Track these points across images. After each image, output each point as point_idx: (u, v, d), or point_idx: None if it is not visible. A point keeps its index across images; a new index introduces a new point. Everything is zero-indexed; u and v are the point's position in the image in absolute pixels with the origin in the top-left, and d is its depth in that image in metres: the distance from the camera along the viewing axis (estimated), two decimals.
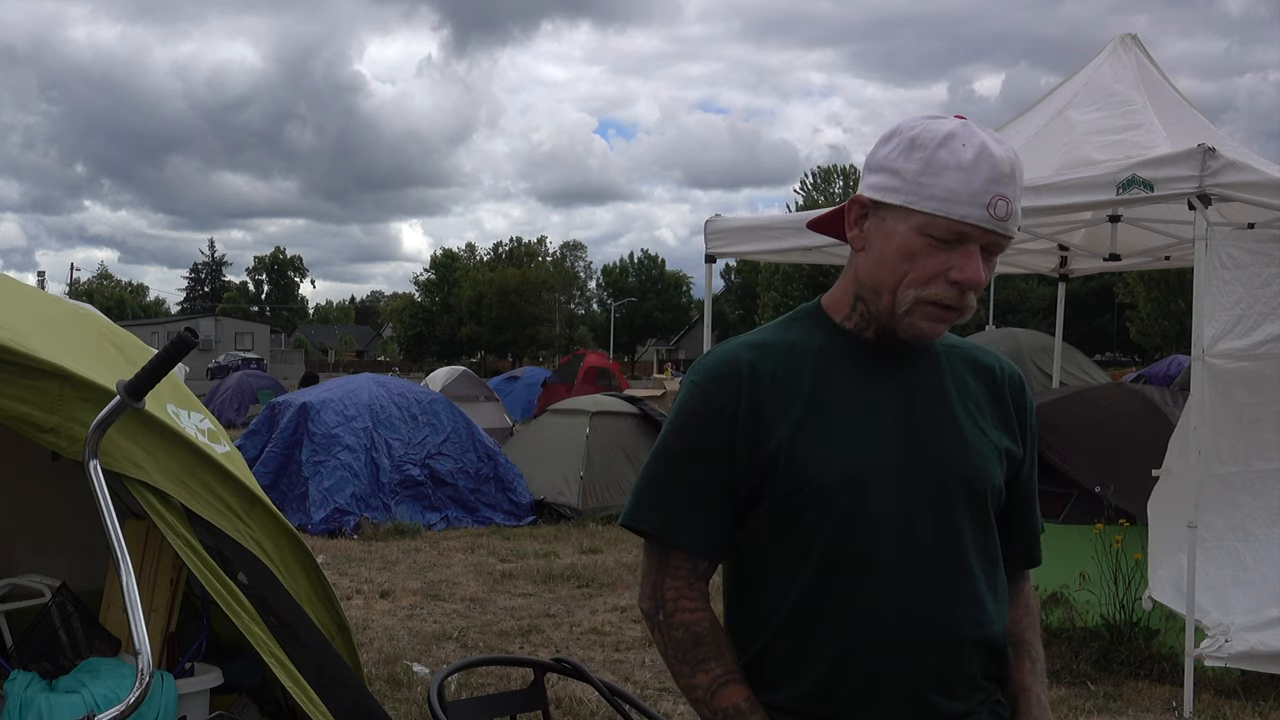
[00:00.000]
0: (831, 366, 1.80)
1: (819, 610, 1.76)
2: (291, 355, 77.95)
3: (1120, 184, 5.96)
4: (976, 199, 1.68)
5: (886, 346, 1.82)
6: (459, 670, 2.91)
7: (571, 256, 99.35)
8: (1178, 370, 19.85)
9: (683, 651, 1.80)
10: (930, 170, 1.70)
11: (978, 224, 1.69)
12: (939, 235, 1.70)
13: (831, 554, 1.75)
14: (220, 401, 28.17)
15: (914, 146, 1.72)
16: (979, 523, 1.81)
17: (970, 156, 1.68)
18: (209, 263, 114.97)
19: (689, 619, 1.79)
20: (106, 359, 3.35)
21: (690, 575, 1.81)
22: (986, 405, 1.87)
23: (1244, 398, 5.90)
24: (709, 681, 1.78)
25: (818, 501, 1.75)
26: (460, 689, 5.66)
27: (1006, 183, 1.69)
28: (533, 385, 29.09)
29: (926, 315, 1.74)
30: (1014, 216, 1.71)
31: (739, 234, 8.52)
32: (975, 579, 1.79)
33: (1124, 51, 7.88)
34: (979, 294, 1.75)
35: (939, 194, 1.69)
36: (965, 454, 1.80)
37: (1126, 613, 6.36)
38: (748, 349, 1.82)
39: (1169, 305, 48.33)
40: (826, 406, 1.77)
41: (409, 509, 11.71)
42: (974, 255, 1.71)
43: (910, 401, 1.80)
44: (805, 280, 53.18)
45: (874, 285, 1.77)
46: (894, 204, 1.73)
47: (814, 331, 1.84)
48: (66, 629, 3.95)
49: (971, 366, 1.89)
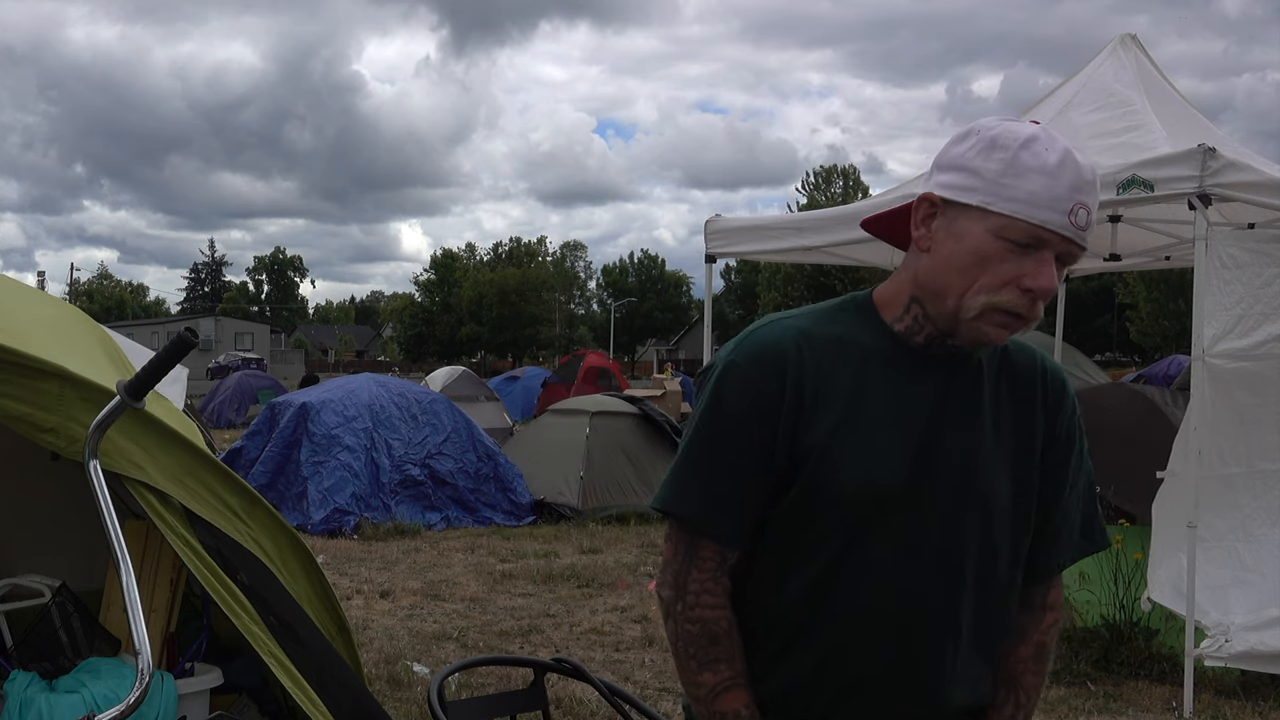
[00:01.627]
0: (872, 370, 1.75)
1: (812, 616, 1.75)
2: (291, 355, 77.92)
3: (1120, 184, 5.96)
4: (1059, 204, 1.62)
5: (932, 354, 1.77)
6: (459, 670, 2.91)
7: (571, 256, 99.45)
8: (1178, 370, 19.85)
9: (694, 647, 1.76)
10: (1012, 171, 1.64)
11: (1058, 230, 1.63)
12: (1016, 239, 1.64)
13: (834, 564, 1.73)
14: (220, 401, 28.20)
15: (994, 146, 1.67)
16: (993, 551, 1.77)
17: (1055, 161, 1.63)
18: (209, 263, 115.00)
19: (708, 615, 1.76)
20: (102, 359, 3.35)
21: (717, 568, 1.76)
22: (1022, 418, 1.82)
23: (1244, 398, 5.90)
24: (715, 683, 1.76)
25: (834, 509, 1.72)
26: (460, 689, 5.66)
27: (1089, 191, 1.65)
28: (533, 385, 29.09)
29: (994, 322, 1.67)
30: (1092, 227, 1.66)
31: (739, 234, 8.53)
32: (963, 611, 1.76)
33: (1124, 52, 7.89)
34: (1047, 303, 1.70)
35: (1021, 196, 1.63)
36: (992, 479, 1.77)
37: (1126, 613, 6.36)
38: (795, 335, 1.76)
39: (1169, 305, 48.36)
40: (862, 413, 1.73)
41: (409, 509, 11.72)
42: (1049, 263, 1.65)
43: (944, 416, 1.75)
44: (806, 280, 53.17)
45: (938, 288, 1.70)
46: (970, 204, 1.66)
47: (861, 328, 1.78)
48: (66, 629, 3.95)
49: (1011, 376, 1.83)
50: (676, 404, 25.11)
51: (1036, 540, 1.86)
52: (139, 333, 49.52)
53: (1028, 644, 1.89)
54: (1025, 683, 1.87)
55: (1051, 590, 1.92)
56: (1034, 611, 1.90)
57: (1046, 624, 1.91)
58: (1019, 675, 1.87)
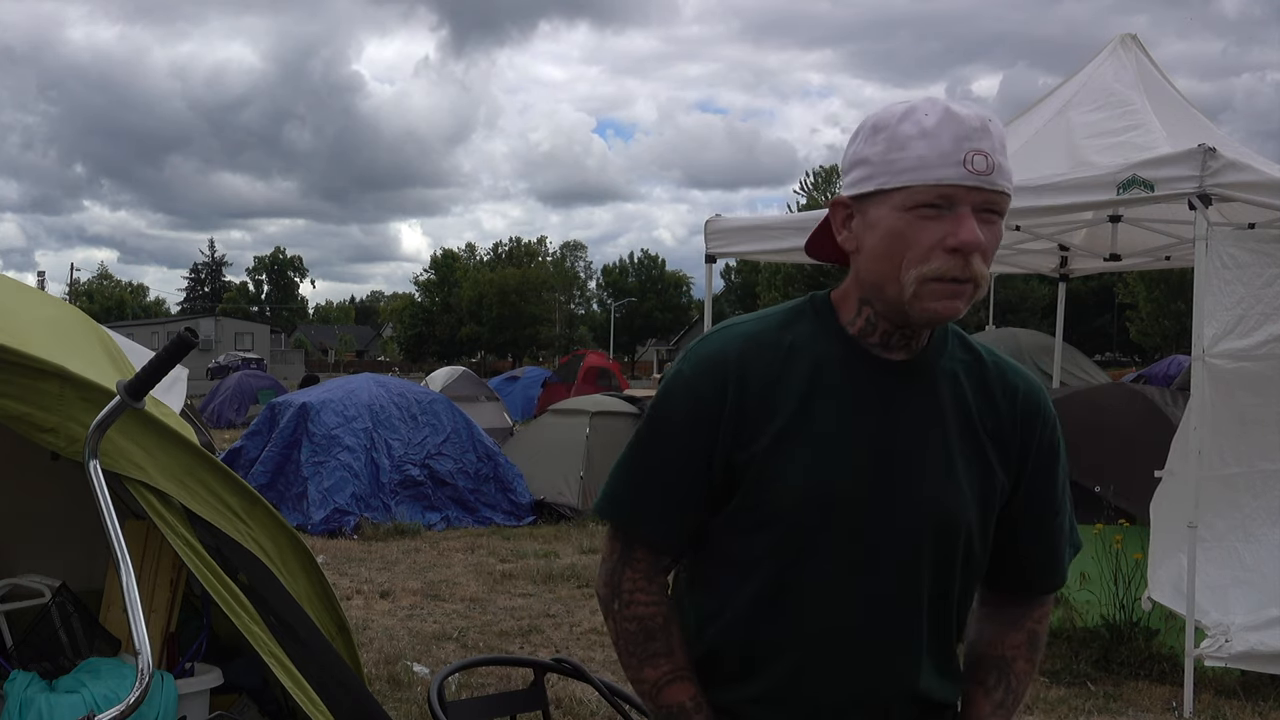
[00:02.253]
0: (823, 376, 1.72)
1: (762, 631, 1.73)
2: (291, 355, 77.90)
3: (1120, 184, 5.96)
4: (949, 158, 1.60)
5: (888, 360, 1.74)
6: (459, 670, 2.91)
7: (571, 256, 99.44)
8: (1178, 370, 19.84)
9: (633, 644, 1.78)
10: (896, 146, 1.64)
11: (957, 182, 1.60)
12: (924, 202, 1.61)
13: (780, 577, 1.71)
14: (220, 401, 28.20)
15: (876, 130, 1.67)
16: (943, 563, 1.73)
17: (933, 122, 1.62)
18: (209, 263, 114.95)
19: (643, 612, 1.77)
20: (102, 360, 3.35)
21: (650, 569, 1.79)
22: (988, 435, 1.77)
23: (1245, 398, 5.90)
24: (656, 677, 1.76)
25: (777, 522, 1.70)
26: (460, 689, 5.66)
27: (979, 137, 1.62)
28: (533, 385, 29.08)
29: (936, 294, 1.63)
30: (999, 170, 1.62)
31: (739, 234, 8.53)
32: (919, 626, 1.73)
33: (1124, 52, 7.90)
34: (989, 260, 1.65)
35: (910, 164, 1.62)
36: (944, 490, 1.72)
37: (1126, 613, 6.36)
38: (741, 342, 1.75)
39: (1169, 305, 48.34)
40: (808, 424, 1.70)
41: (409, 509, 11.72)
42: (967, 217, 1.61)
43: (896, 427, 1.72)
44: (806, 280, 53.15)
45: (876, 280, 1.68)
46: (871, 191, 1.66)
47: (816, 331, 1.76)
48: (66, 629, 3.95)
49: (981, 389, 1.78)
50: None
51: (1033, 557, 1.85)
52: (139, 333, 49.53)
53: (1020, 630, 1.87)
54: (1017, 668, 1.85)
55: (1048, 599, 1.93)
56: (1032, 603, 1.89)
57: (1039, 615, 1.90)
58: (1011, 661, 1.85)
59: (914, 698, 1.75)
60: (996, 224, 1.66)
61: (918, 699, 1.75)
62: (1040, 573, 1.86)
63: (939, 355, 1.77)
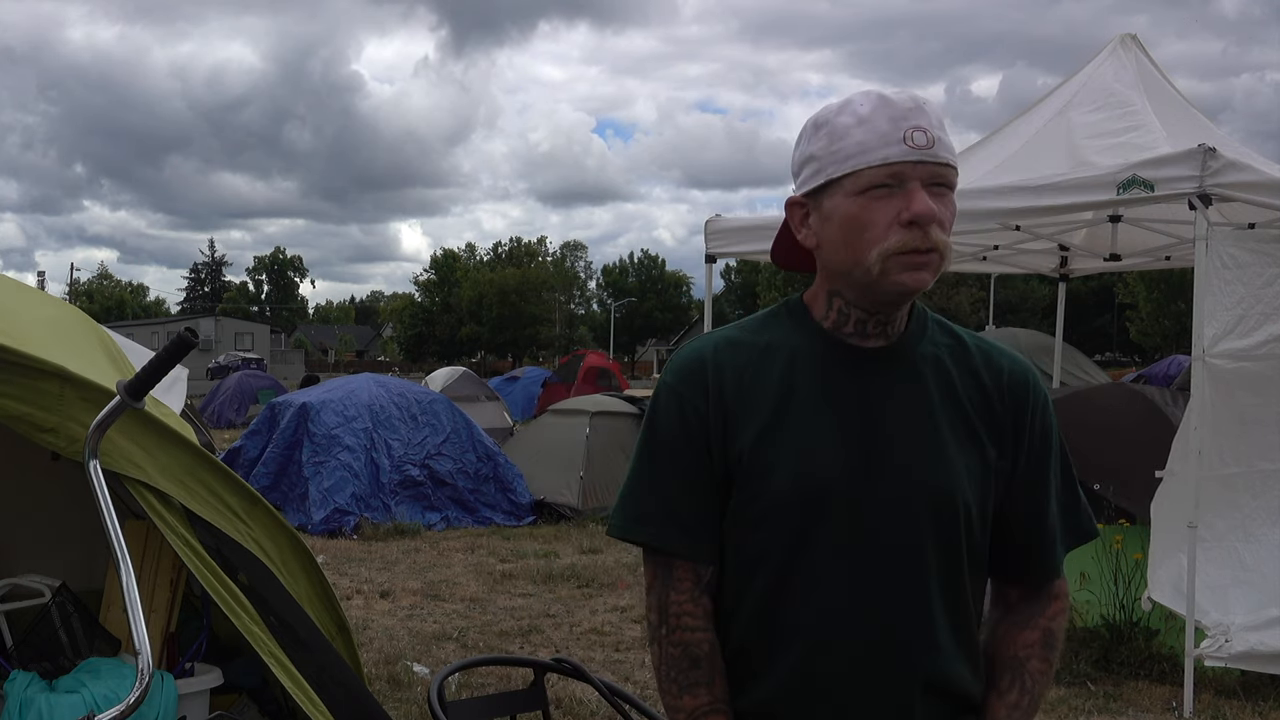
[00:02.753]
0: (803, 371, 1.75)
1: (768, 630, 1.73)
2: (291, 355, 77.91)
3: (1120, 184, 5.96)
4: (888, 138, 1.66)
5: (866, 348, 1.76)
6: (459, 670, 2.91)
7: (571, 256, 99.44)
8: (1178, 370, 19.84)
9: (676, 670, 1.75)
10: (836, 136, 1.70)
11: (900, 159, 1.65)
12: (874, 185, 1.66)
13: (782, 571, 1.71)
14: (220, 401, 28.20)
15: (817, 127, 1.74)
16: (946, 545, 1.72)
17: (868, 109, 1.68)
18: (209, 263, 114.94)
19: (690, 638, 1.75)
20: (102, 360, 3.35)
21: (694, 587, 1.76)
22: (977, 414, 1.77)
23: (1245, 398, 5.90)
24: (693, 707, 1.74)
25: (773, 514, 1.71)
26: (460, 689, 5.66)
27: (914, 116, 1.67)
28: (533, 385, 29.08)
29: (901, 267, 1.67)
30: (940, 144, 1.67)
31: (739, 234, 8.53)
32: (931, 608, 1.71)
33: (1124, 52, 7.89)
34: (947, 230, 1.70)
35: (851, 151, 1.68)
36: (937, 470, 1.72)
37: (1126, 613, 6.36)
38: (718, 346, 1.79)
39: (1169, 305, 48.35)
40: (793, 414, 1.72)
41: (409, 509, 11.72)
42: (917, 190, 1.66)
43: (885, 409, 1.73)
44: (806, 281, 53.11)
45: (842, 268, 1.72)
46: (822, 184, 1.72)
47: (792, 330, 1.79)
48: (66, 629, 3.95)
49: (967, 370, 1.79)
50: None
51: (1030, 543, 1.83)
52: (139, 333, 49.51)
53: (1034, 629, 1.85)
54: (1031, 668, 1.82)
55: (1055, 583, 1.89)
56: (1041, 600, 1.87)
57: (1053, 611, 1.88)
58: (1024, 660, 1.83)
59: (936, 685, 1.73)
60: (947, 196, 1.71)
61: (941, 687, 1.73)
62: (1037, 557, 1.85)
63: (918, 340, 1.79)
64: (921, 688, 1.72)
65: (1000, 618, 1.88)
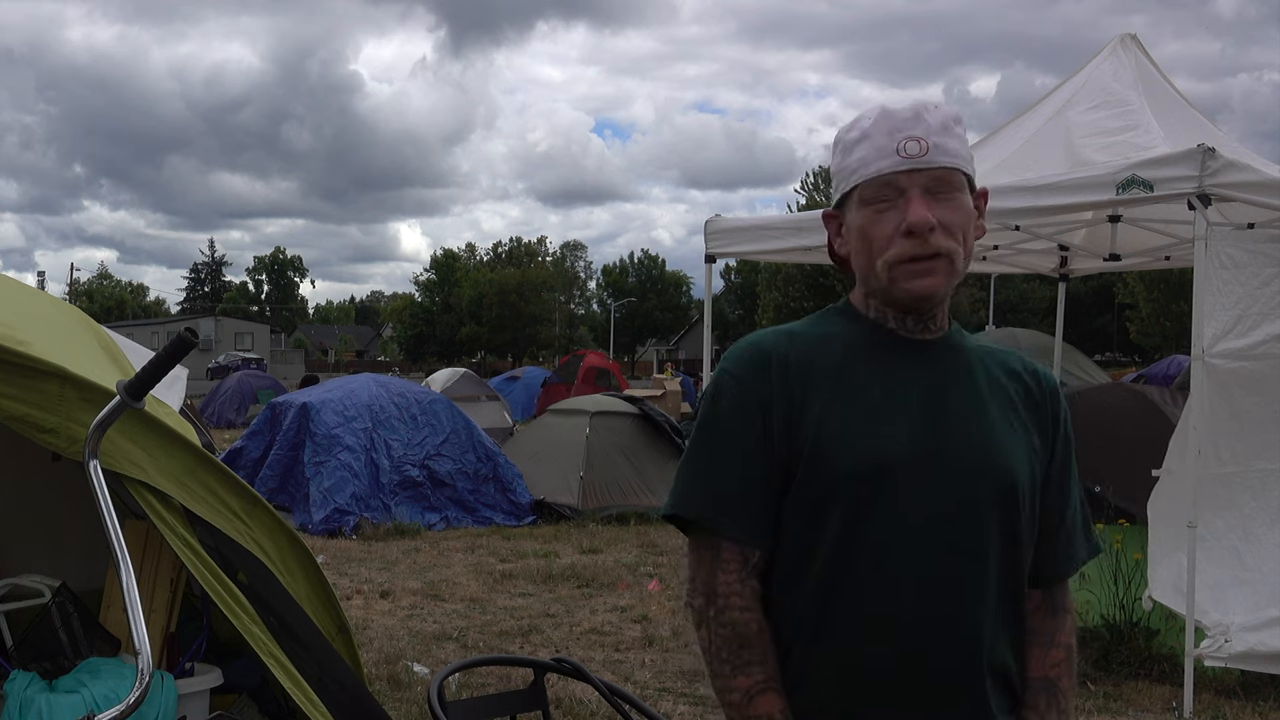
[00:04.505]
0: (861, 354, 1.82)
1: (830, 611, 1.74)
2: (291, 355, 77.97)
3: (1120, 184, 5.96)
4: (884, 151, 1.76)
5: (913, 339, 1.83)
6: (459, 670, 2.91)
7: (571, 256, 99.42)
8: (1178, 370, 19.86)
9: (727, 650, 1.76)
10: (845, 153, 1.83)
11: (895, 169, 1.75)
12: (876, 198, 1.77)
13: (846, 546, 1.73)
14: (220, 401, 28.21)
15: (836, 144, 1.87)
16: (1008, 524, 1.76)
17: (869, 123, 1.80)
18: (209, 263, 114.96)
19: (738, 618, 1.75)
20: (102, 359, 3.35)
21: (741, 570, 1.77)
22: (1021, 404, 1.85)
23: (1244, 398, 5.90)
24: (748, 686, 1.74)
25: (839, 488, 1.73)
26: (460, 689, 5.66)
27: (910, 125, 1.76)
28: (533, 385, 29.10)
29: (907, 274, 1.76)
30: (938, 149, 1.76)
31: (739, 234, 8.52)
32: (990, 587, 1.74)
33: (1123, 52, 7.89)
34: (956, 234, 1.75)
35: (855, 165, 1.80)
36: (997, 452, 1.78)
37: (1126, 613, 6.36)
38: (777, 336, 1.86)
39: (1169, 306, 48.33)
40: (856, 391, 1.78)
41: (408, 509, 11.72)
42: (914, 199, 1.74)
43: (942, 392, 1.79)
44: (806, 281, 53.14)
45: (863, 275, 1.84)
46: (840, 198, 1.85)
47: (845, 325, 1.87)
48: (66, 629, 3.95)
49: (1005, 367, 1.88)
50: (676, 404, 25.11)
51: (1049, 541, 1.86)
52: (139, 333, 49.54)
53: (1059, 648, 1.87)
54: (1063, 686, 1.86)
55: (1068, 593, 1.93)
56: (1058, 614, 1.89)
57: (1069, 626, 1.91)
58: (1056, 679, 1.85)
59: (988, 666, 1.74)
60: (956, 197, 1.78)
61: (993, 669, 1.75)
62: (1057, 556, 1.88)
63: (962, 336, 1.89)
64: (985, 669, 1.74)
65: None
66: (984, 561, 1.74)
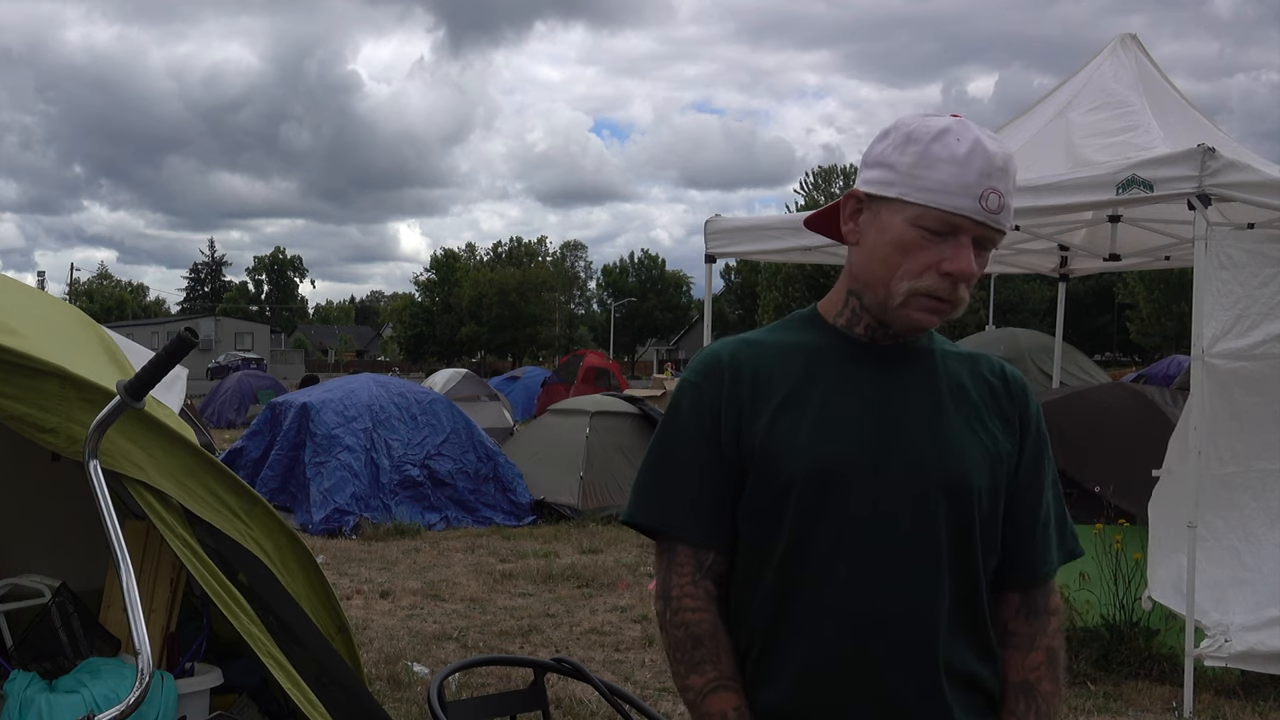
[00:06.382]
0: (820, 363, 1.82)
1: (785, 613, 1.75)
2: (291, 355, 77.96)
3: (1120, 184, 5.96)
4: (968, 190, 1.71)
5: (877, 345, 1.83)
6: (459, 670, 2.91)
7: (571, 256, 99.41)
8: (1178, 370, 19.85)
9: (681, 651, 1.79)
10: (924, 163, 1.73)
11: (969, 215, 1.71)
12: (931, 227, 1.72)
13: (799, 548, 1.74)
14: (220, 401, 28.21)
15: (909, 141, 1.75)
16: (960, 522, 1.76)
17: (964, 150, 1.71)
18: (209, 263, 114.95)
19: (690, 618, 1.79)
20: (102, 360, 3.35)
21: (694, 572, 1.80)
22: (986, 407, 1.84)
23: (1243, 398, 5.90)
24: (701, 685, 1.77)
25: (788, 495, 1.75)
26: (460, 689, 5.66)
27: (999, 177, 1.72)
28: (533, 385, 29.09)
29: (920, 307, 1.75)
30: (1006, 211, 1.74)
31: (739, 234, 8.52)
32: (943, 595, 1.74)
33: (1124, 52, 7.89)
34: (971, 287, 1.77)
35: (932, 185, 1.71)
36: (950, 454, 1.77)
37: (1126, 613, 6.36)
38: (735, 344, 1.87)
39: (1169, 306, 48.36)
40: (808, 400, 1.78)
41: (408, 509, 11.72)
42: (966, 247, 1.73)
43: (898, 399, 1.79)
44: (806, 281, 53.18)
45: (869, 279, 1.79)
46: (889, 197, 1.76)
47: (807, 332, 1.87)
48: (66, 629, 3.95)
49: (971, 370, 1.87)
50: None
51: (1025, 543, 1.86)
52: (139, 333, 49.55)
53: (1038, 650, 1.86)
54: (1043, 690, 1.84)
55: (1051, 595, 1.90)
56: (1038, 617, 1.87)
57: (1052, 629, 1.89)
58: (1035, 683, 1.84)
59: (945, 663, 1.74)
60: (986, 255, 1.78)
61: (951, 667, 1.75)
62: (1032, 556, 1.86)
63: (928, 339, 1.87)
64: (941, 665, 1.74)
65: (1001, 641, 1.87)
66: (936, 559, 1.74)
